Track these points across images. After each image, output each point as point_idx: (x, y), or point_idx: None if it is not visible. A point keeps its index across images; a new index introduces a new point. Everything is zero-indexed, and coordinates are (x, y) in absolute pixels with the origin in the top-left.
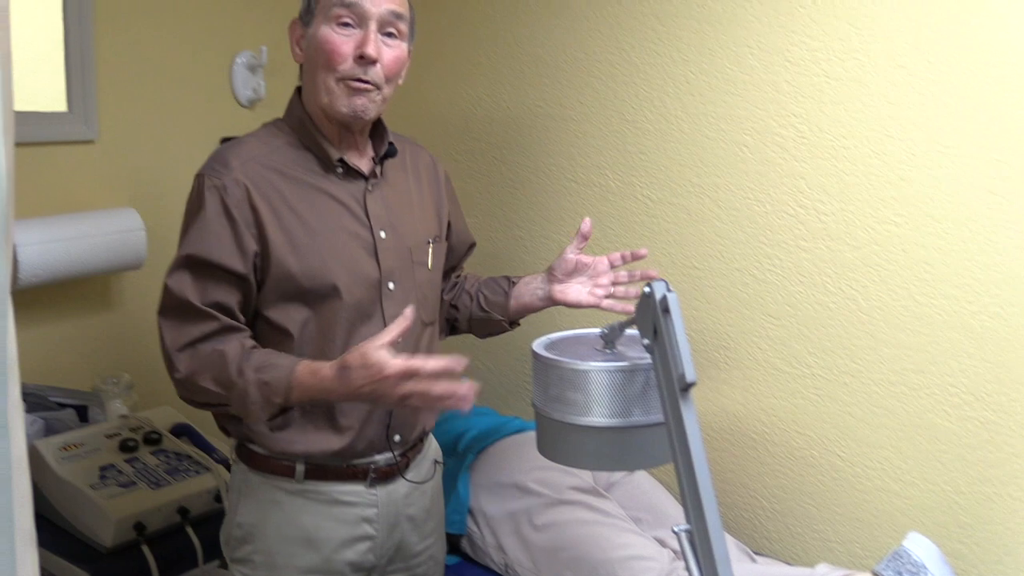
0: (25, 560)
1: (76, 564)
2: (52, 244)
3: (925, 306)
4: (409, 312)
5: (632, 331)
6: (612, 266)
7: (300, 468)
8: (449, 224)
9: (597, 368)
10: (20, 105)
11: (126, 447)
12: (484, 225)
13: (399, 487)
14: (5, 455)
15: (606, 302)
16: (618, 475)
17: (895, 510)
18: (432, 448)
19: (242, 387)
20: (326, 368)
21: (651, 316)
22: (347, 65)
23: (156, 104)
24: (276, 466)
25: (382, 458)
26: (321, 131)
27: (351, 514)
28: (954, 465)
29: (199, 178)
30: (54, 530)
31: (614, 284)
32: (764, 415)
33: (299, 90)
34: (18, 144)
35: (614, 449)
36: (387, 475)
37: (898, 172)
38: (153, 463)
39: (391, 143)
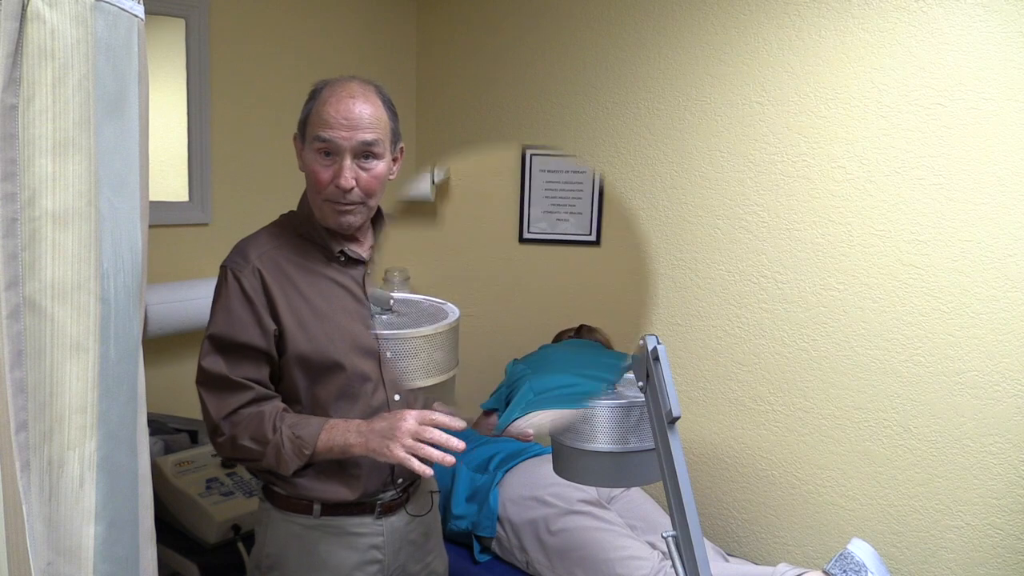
0: (147, 554)
1: (186, 556)
2: (175, 304)
3: (863, 356)
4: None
5: (629, 375)
6: None
7: (317, 507)
8: None
9: (601, 404)
10: (153, 196)
11: (227, 464)
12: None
13: (401, 517)
14: (134, 470)
15: None
16: (618, 491)
17: (841, 520)
18: (429, 481)
19: (276, 442)
20: (355, 420)
21: (644, 363)
22: (330, 191)
23: (259, 194)
24: (296, 505)
25: (387, 495)
26: (324, 228)
27: (361, 543)
28: (887, 484)
29: (223, 269)
30: (169, 530)
31: None
32: (735, 443)
33: None
34: (150, 226)
35: (614, 470)
36: (391, 509)
37: (840, 249)
38: (247, 477)
39: None
